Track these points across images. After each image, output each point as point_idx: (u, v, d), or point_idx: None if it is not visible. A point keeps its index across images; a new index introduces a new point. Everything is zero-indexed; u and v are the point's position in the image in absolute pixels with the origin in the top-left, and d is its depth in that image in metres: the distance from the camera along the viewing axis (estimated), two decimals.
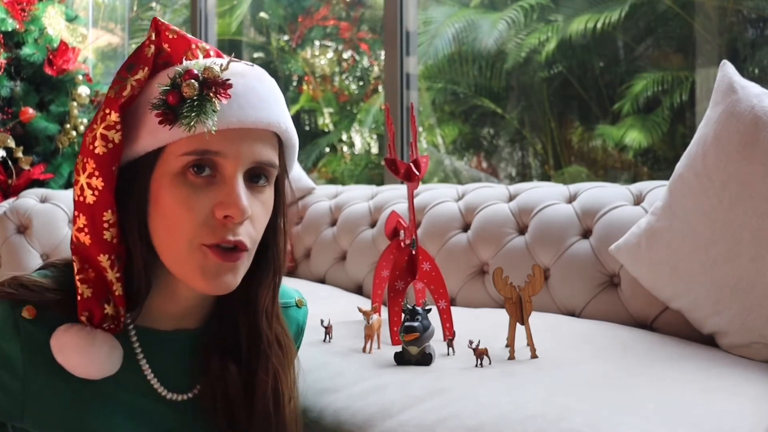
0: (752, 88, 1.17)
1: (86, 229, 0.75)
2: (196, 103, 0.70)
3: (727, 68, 1.21)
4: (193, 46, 0.79)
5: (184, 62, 0.76)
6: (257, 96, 0.76)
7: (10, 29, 2.53)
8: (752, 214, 1.11)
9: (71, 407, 0.77)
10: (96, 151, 0.73)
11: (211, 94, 0.70)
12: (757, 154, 1.11)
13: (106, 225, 0.75)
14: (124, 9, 4.85)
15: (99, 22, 4.26)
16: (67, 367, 0.74)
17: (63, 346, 0.74)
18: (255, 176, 0.77)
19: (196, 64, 0.73)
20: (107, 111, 0.74)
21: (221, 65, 0.73)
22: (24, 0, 2.62)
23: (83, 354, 0.74)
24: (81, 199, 0.75)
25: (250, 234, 0.76)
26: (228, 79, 0.72)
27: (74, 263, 0.77)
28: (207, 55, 0.79)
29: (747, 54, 3.83)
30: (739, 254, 1.13)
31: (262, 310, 0.83)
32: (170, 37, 0.77)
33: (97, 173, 0.74)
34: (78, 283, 0.76)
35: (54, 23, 2.63)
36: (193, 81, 0.70)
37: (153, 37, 0.76)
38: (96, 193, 0.74)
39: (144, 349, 0.81)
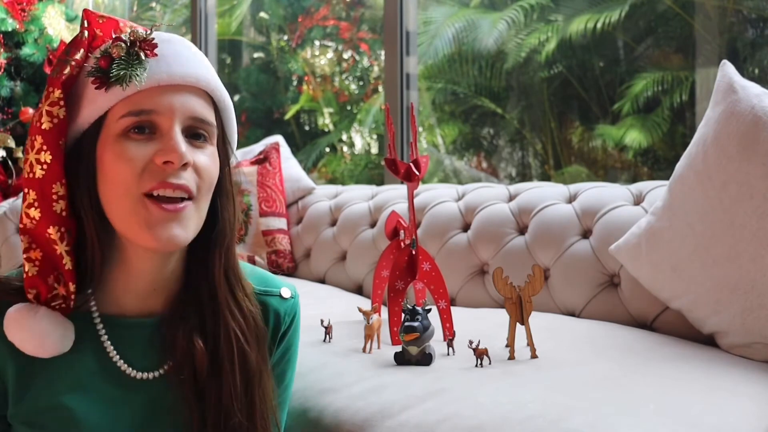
0: (752, 88, 1.17)
1: (36, 203, 0.78)
2: (123, 59, 0.75)
3: (727, 68, 1.21)
4: (121, 24, 0.83)
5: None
6: (184, 57, 0.81)
7: (10, 29, 2.54)
8: (752, 214, 1.11)
9: (41, 390, 0.79)
10: (42, 127, 0.77)
11: (138, 50, 0.76)
12: (757, 154, 1.11)
13: (55, 197, 0.78)
14: (124, 9, 4.85)
15: None
16: (15, 344, 0.77)
17: (8, 324, 0.77)
18: (194, 135, 0.81)
19: (128, 32, 0.78)
20: (50, 89, 0.78)
21: (146, 31, 0.79)
22: (24, 0, 2.62)
23: (25, 329, 0.76)
24: (30, 175, 0.78)
25: (195, 181, 0.79)
26: (153, 38, 0.78)
27: (21, 243, 0.80)
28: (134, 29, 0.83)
29: (747, 54, 3.83)
30: (739, 254, 1.13)
31: (217, 273, 0.85)
32: (100, 21, 0.82)
33: (44, 148, 0.77)
34: (24, 262, 0.79)
35: (54, 23, 2.64)
36: (120, 42, 0.76)
37: (85, 25, 0.81)
38: (45, 167, 0.77)
39: (110, 334, 0.82)
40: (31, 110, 2.53)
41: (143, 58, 0.76)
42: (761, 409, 0.91)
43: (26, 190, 0.79)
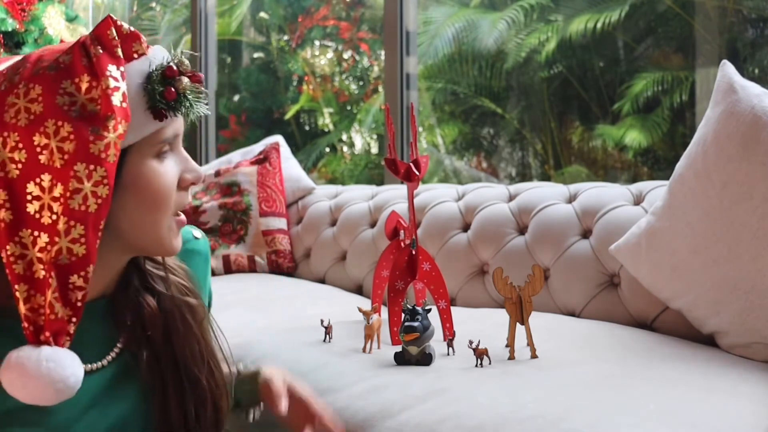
0: (752, 88, 1.17)
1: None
2: (188, 94, 0.77)
3: (727, 68, 1.21)
4: (144, 45, 0.80)
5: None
6: None
7: (10, 29, 2.53)
8: (752, 214, 1.11)
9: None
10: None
11: (195, 83, 0.78)
12: (757, 154, 1.11)
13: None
14: (124, 9, 4.85)
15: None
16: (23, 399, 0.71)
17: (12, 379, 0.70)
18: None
19: (161, 62, 0.77)
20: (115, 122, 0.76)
21: (178, 59, 0.79)
22: (24, 0, 2.62)
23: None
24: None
25: None
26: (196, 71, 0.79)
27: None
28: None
29: (747, 54, 3.83)
30: (739, 254, 1.13)
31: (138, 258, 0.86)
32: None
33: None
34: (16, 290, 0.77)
35: (54, 23, 2.63)
36: (182, 77, 0.77)
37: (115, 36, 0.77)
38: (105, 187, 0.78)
39: None
40: None
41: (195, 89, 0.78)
42: (761, 409, 0.91)
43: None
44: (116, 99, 0.71)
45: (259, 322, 1.51)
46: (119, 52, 0.74)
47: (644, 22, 4.35)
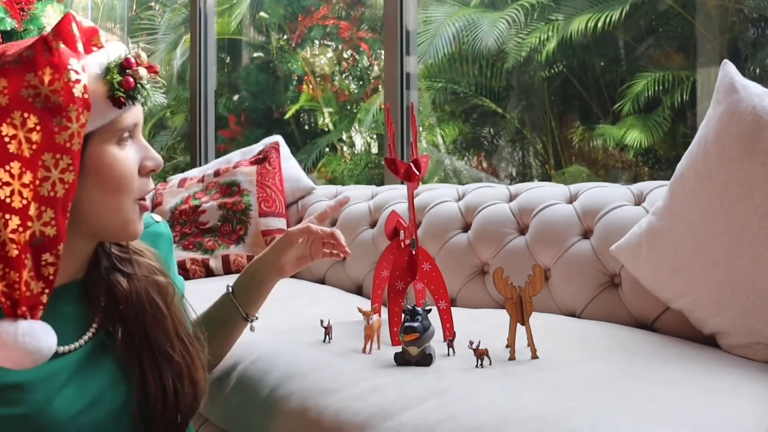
0: (753, 88, 1.17)
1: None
2: (144, 83, 0.82)
3: (729, 68, 1.21)
4: (103, 38, 0.85)
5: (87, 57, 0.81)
6: None
7: (8, 29, 2.53)
8: (753, 214, 1.11)
9: None
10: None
11: (152, 73, 0.83)
12: (759, 154, 1.11)
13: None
14: (123, 9, 4.85)
15: (98, 22, 4.26)
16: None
17: None
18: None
19: (117, 57, 0.82)
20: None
21: (135, 51, 0.84)
22: None
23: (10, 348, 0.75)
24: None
25: None
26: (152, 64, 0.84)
27: None
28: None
29: (748, 53, 3.83)
30: (740, 254, 1.13)
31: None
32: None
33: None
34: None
35: (53, 23, 2.63)
36: (139, 67, 0.82)
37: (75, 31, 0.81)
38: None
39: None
40: None
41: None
42: (762, 409, 0.91)
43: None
44: (77, 90, 0.76)
45: (259, 322, 1.51)
46: (79, 46, 0.78)
47: (645, 21, 4.35)
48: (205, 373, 0.93)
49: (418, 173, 1.16)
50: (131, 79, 0.80)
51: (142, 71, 0.82)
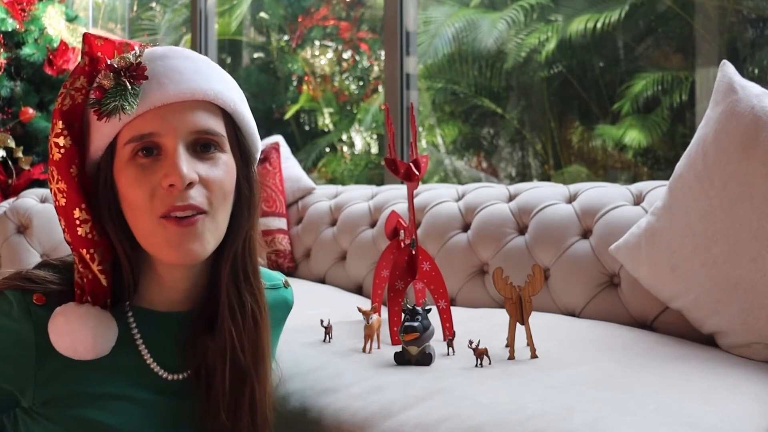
0: (752, 88, 1.17)
1: (66, 229, 0.82)
2: (113, 90, 0.77)
3: (727, 68, 1.21)
4: (117, 44, 0.84)
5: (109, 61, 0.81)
6: (177, 71, 0.80)
7: (10, 29, 2.53)
8: (752, 214, 1.11)
9: (75, 388, 0.80)
10: (54, 158, 0.80)
11: (125, 80, 0.77)
12: (757, 154, 1.11)
13: (78, 222, 0.81)
14: (124, 9, 4.85)
15: (99, 22, 4.26)
16: (62, 349, 0.79)
17: (57, 327, 0.79)
18: (203, 146, 0.81)
19: (117, 59, 0.79)
20: (54, 121, 0.81)
21: (136, 53, 0.79)
22: (24, 0, 2.62)
23: (76, 332, 0.78)
24: (57, 203, 0.82)
25: (205, 196, 0.80)
26: (140, 63, 0.78)
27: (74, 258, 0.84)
28: (131, 49, 0.83)
29: (747, 54, 3.83)
30: (739, 254, 1.13)
31: (223, 275, 0.86)
32: (99, 44, 0.83)
33: (59, 177, 0.80)
34: (77, 273, 0.82)
35: (54, 23, 2.63)
36: (108, 72, 0.78)
37: (85, 49, 0.82)
38: (64, 195, 0.80)
39: (140, 329, 0.84)
40: (31, 110, 2.53)
41: (130, 86, 0.77)
42: (761, 409, 0.91)
43: (59, 217, 0.83)
44: (58, 103, 0.81)
45: None
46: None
47: (644, 22, 4.35)
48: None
49: (417, 173, 1.16)
50: (101, 86, 0.78)
51: (111, 77, 0.77)
